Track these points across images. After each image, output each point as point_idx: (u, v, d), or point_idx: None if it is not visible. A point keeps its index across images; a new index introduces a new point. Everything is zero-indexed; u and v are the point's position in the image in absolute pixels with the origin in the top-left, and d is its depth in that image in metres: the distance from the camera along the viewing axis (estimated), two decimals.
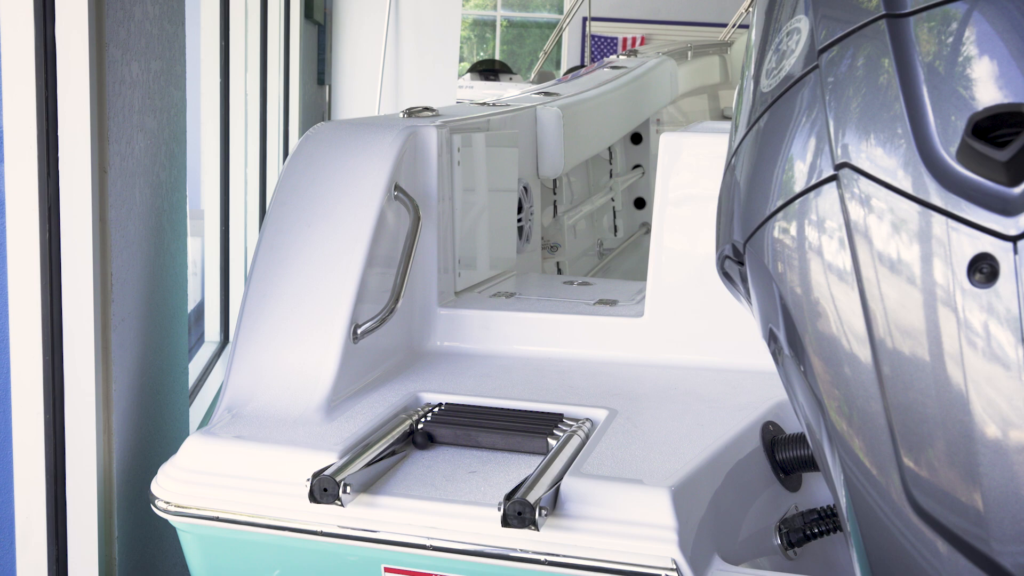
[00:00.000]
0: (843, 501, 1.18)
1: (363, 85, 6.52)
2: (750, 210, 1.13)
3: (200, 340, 3.89)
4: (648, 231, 5.01)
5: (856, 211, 0.99)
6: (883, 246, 0.98)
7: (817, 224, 1.04)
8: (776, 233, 1.10)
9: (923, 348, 0.98)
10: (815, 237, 1.05)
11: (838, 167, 1.02)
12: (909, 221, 0.96)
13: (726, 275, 1.30)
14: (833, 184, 1.02)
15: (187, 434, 2.20)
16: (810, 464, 1.98)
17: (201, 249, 4.02)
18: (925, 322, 0.98)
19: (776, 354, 1.26)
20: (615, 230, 4.84)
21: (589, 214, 4.44)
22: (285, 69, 5.30)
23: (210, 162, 3.85)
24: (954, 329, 0.95)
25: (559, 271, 3.89)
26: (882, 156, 0.98)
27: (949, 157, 0.94)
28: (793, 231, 1.07)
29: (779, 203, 1.08)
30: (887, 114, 0.98)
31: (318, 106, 6.49)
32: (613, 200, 4.81)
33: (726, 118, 6.30)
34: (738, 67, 6.58)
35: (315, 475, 1.69)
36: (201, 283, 4.02)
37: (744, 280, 1.22)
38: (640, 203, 5.12)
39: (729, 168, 1.22)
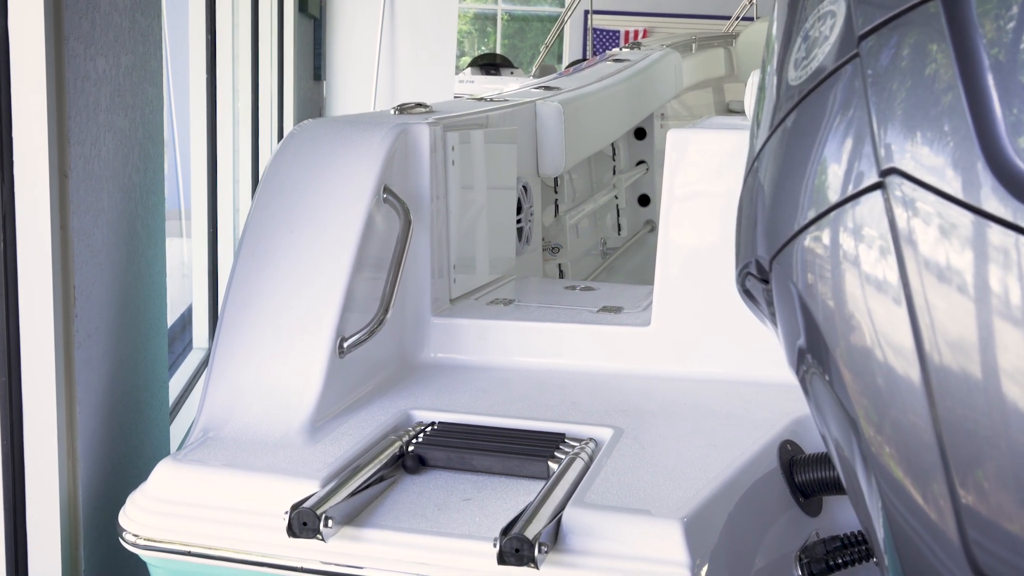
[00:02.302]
0: (880, 532, 1.04)
1: (359, 80, 6.39)
2: (777, 222, 0.98)
3: (188, 347, 3.75)
4: (653, 228, 4.87)
5: (907, 225, 0.84)
6: (940, 266, 0.83)
7: (858, 240, 0.89)
8: (808, 249, 0.95)
9: (980, 368, 0.84)
10: (856, 255, 0.90)
11: (884, 173, 0.86)
12: (972, 236, 0.81)
13: (747, 293, 1.15)
14: (878, 193, 0.87)
15: (168, 455, 2.05)
16: (832, 486, 1.85)
17: (191, 251, 3.90)
18: (987, 351, 0.84)
19: (805, 380, 1.11)
20: (619, 228, 4.69)
21: (592, 213, 4.29)
22: (279, 64, 5.17)
23: (198, 161, 3.72)
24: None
25: (561, 273, 3.74)
26: (938, 159, 0.83)
27: (1021, 161, 0.79)
28: (829, 248, 0.92)
29: (812, 215, 0.93)
30: (943, 110, 0.83)
31: (315, 102, 6.36)
32: (616, 197, 4.66)
33: (732, 112, 6.16)
34: (744, 59, 6.44)
35: (294, 507, 1.55)
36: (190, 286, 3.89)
37: (769, 300, 1.07)
38: (644, 200, 4.97)
39: (751, 172, 1.07)
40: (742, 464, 1.78)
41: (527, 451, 1.80)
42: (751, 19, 8.08)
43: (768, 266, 1.02)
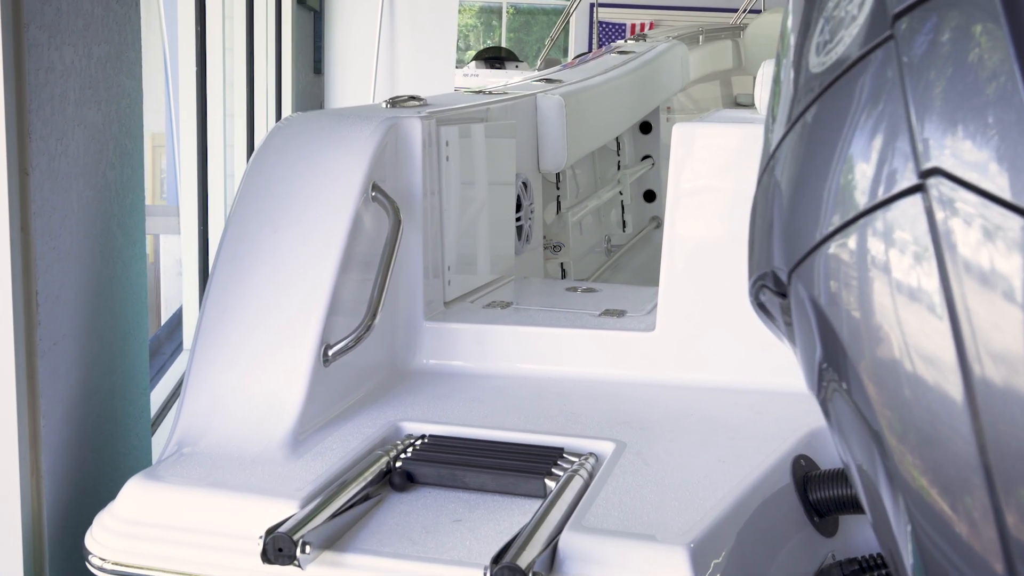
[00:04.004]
0: (908, 558, 0.93)
1: (359, 74, 6.26)
2: (796, 230, 0.86)
3: (179, 348, 3.63)
4: (659, 225, 4.75)
5: (951, 234, 0.72)
6: (990, 278, 0.71)
7: (893, 250, 0.77)
8: (833, 259, 0.83)
9: None
10: (890, 266, 0.78)
11: (925, 174, 0.74)
12: None
13: (761, 307, 1.03)
14: (916, 196, 0.75)
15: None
16: (849, 505, 1.73)
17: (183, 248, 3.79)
18: None
19: (826, 401, 0.99)
20: (623, 225, 4.57)
21: (595, 209, 4.16)
22: (277, 57, 5.05)
23: (188, 156, 3.60)
24: None
25: (563, 272, 3.62)
26: (989, 159, 0.71)
27: None
28: (857, 260, 0.80)
29: (837, 222, 0.81)
30: (989, 100, 0.71)
31: (315, 96, 6.24)
32: (621, 193, 4.53)
33: (740, 105, 6.03)
34: (751, 52, 6.31)
35: (269, 532, 1.44)
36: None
37: (786, 315, 0.95)
38: (650, 196, 4.85)
39: (767, 171, 0.95)
40: (753, 481, 1.66)
41: (523, 467, 1.69)
42: (758, 11, 7.94)
43: (786, 278, 0.90)
